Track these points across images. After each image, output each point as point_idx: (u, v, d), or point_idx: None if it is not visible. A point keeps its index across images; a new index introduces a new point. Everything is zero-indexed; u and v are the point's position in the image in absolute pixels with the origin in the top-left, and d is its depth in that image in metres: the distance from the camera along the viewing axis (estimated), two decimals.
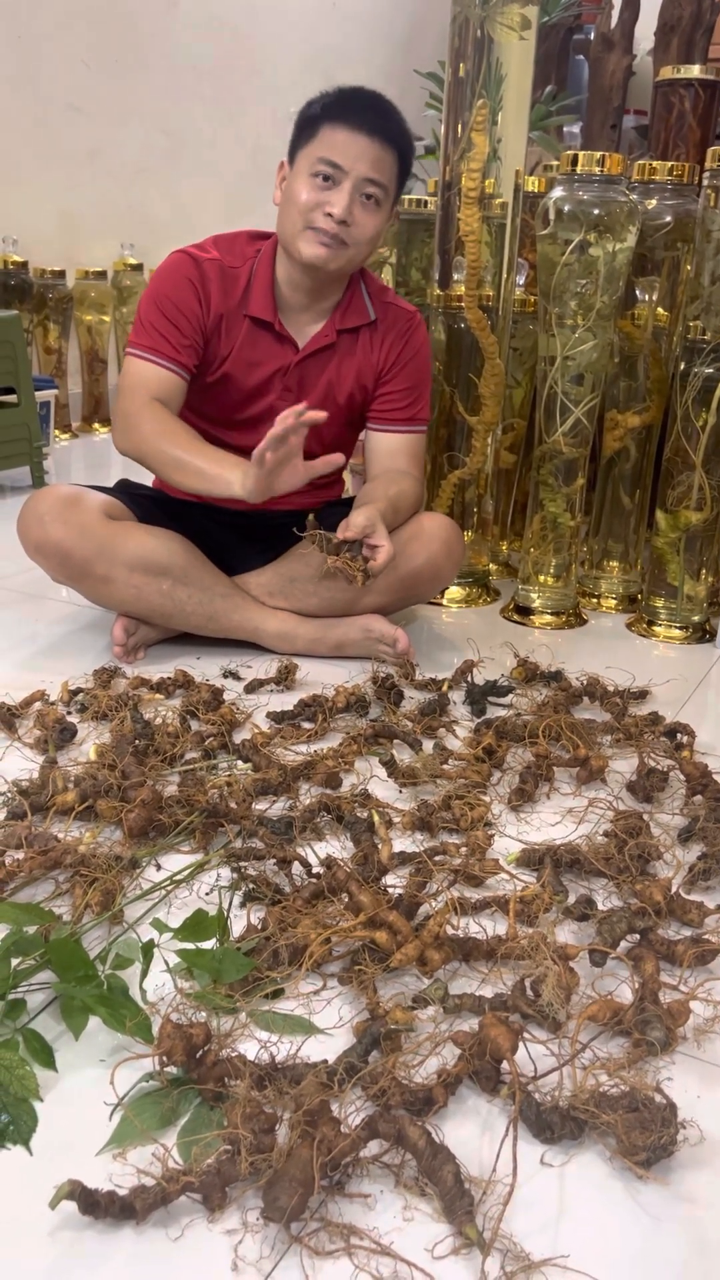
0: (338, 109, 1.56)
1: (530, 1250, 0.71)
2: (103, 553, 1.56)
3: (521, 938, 0.98)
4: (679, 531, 1.88)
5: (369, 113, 1.56)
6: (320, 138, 1.55)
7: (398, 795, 1.30)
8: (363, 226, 1.58)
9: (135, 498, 1.73)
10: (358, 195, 1.56)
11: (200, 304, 1.62)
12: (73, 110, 3.34)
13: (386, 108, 1.59)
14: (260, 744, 1.35)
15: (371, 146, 1.55)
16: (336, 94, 1.59)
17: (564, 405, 1.83)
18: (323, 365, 1.70)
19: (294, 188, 1.58)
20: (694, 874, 1.14)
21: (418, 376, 1.76)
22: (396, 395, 1.74)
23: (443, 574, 1.72)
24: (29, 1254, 0.70)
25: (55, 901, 1.04)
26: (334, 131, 1.55)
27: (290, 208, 1.59)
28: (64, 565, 1.57)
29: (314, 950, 0.94)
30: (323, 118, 1.56)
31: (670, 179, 1.89)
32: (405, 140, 1.60)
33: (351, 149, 1.54)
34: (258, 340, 1.66)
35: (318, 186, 1.56)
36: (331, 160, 1.54)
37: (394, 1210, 0.74)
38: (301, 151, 1.58)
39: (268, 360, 1.67)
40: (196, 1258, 0.70)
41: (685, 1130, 0.80)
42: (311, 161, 1.56)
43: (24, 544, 1.59)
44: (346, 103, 1.57)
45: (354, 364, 1.71)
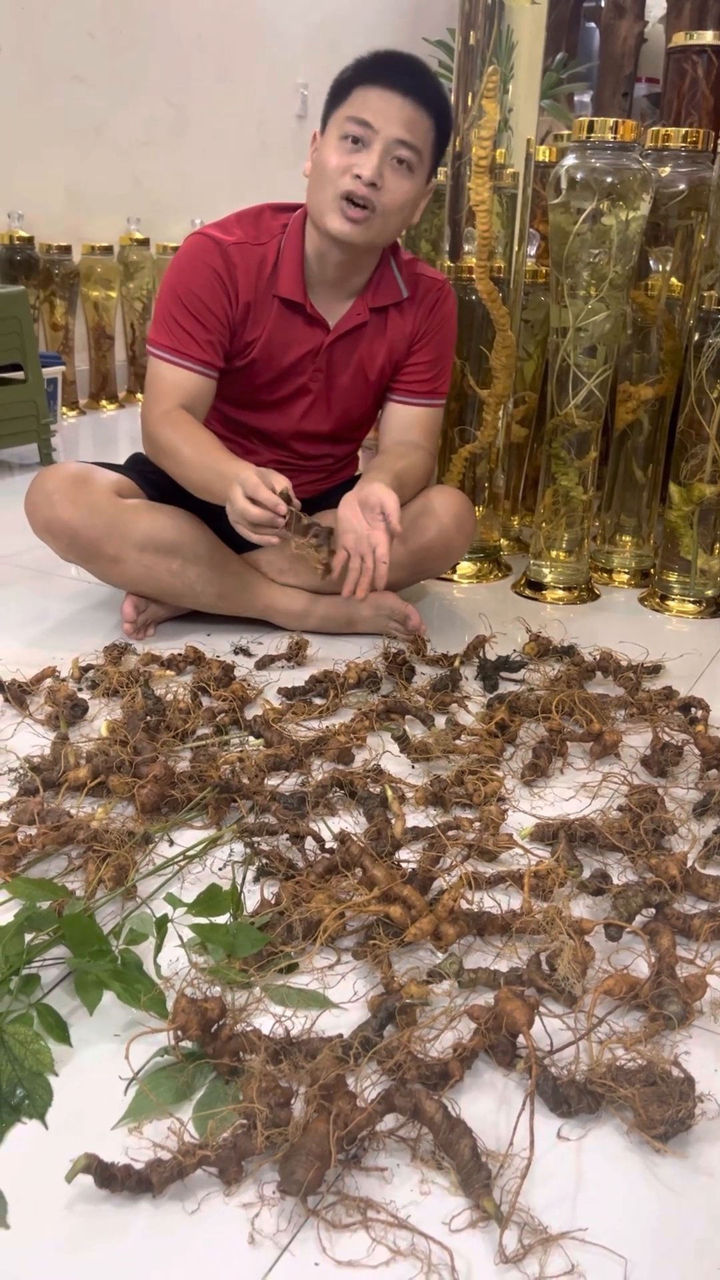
0: (371, 68, 1.50)
1: (548, 1223, 0.71)
2: (112, 532, 1.55)
3: (536, 912, 0.98)
4: (692, 505, 1.86)
5: (403, 72, 1.49)
6: (352, 98, 1.49)
7: (410, 771, 1.29)
8: (393, 193, 1.50)
9: (145, 475, 1.71)
10: (388, 158, 1.48)
11: (227, 296, 1.55)
12: (78, 83, 3.31)
13: (422, 68, 1.52)
14: (272, 720, 1.34)
15: (405, 106, 1.47)
16: (371, 55, 1.52)
17: (576, 377, 1.81)
18: (354, 345, 1.66)
19: (323, 154, 1.52)
20: (710, 848, 1.13)
21: (443, 348, 1.72)
22: (421, 367, 1.70)
23: (454, 548, 1.71)
24: (46, 1227, 0.70)
25: (68, 877, 1.04)
26: (366, 91, 1.48)
27: (319, 176, 1.53)
28: (73, 545, 1.56)
29: (328, 925, 0.93)
30: (355, 79, 1.50)
31: (684, 146, 1.87)
32: (442, 103, 1.53)
33: (382, 107, 1.47)
34: (288, 322, 1.61)
35: (347, 149, 1.49)
36: (361, 118, 1.47)
37: (411, 1184, 0.74)
38: (333, 116, 1.52)
39: (299, 342, 1.62)
40: (213, 1231, 0.70)
41: (703, 1104, 0.80)
42: (341, 123, 1.49)
43: (32, 523, 1.58)
44: (380, 61, 1.51)
45: (385, 341, 1.67)
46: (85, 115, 3.37)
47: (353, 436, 1.78)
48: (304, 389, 1.64)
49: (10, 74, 3.10)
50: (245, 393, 1.66)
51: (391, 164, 1.49)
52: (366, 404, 1.72)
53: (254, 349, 1.60)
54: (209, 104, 3.86)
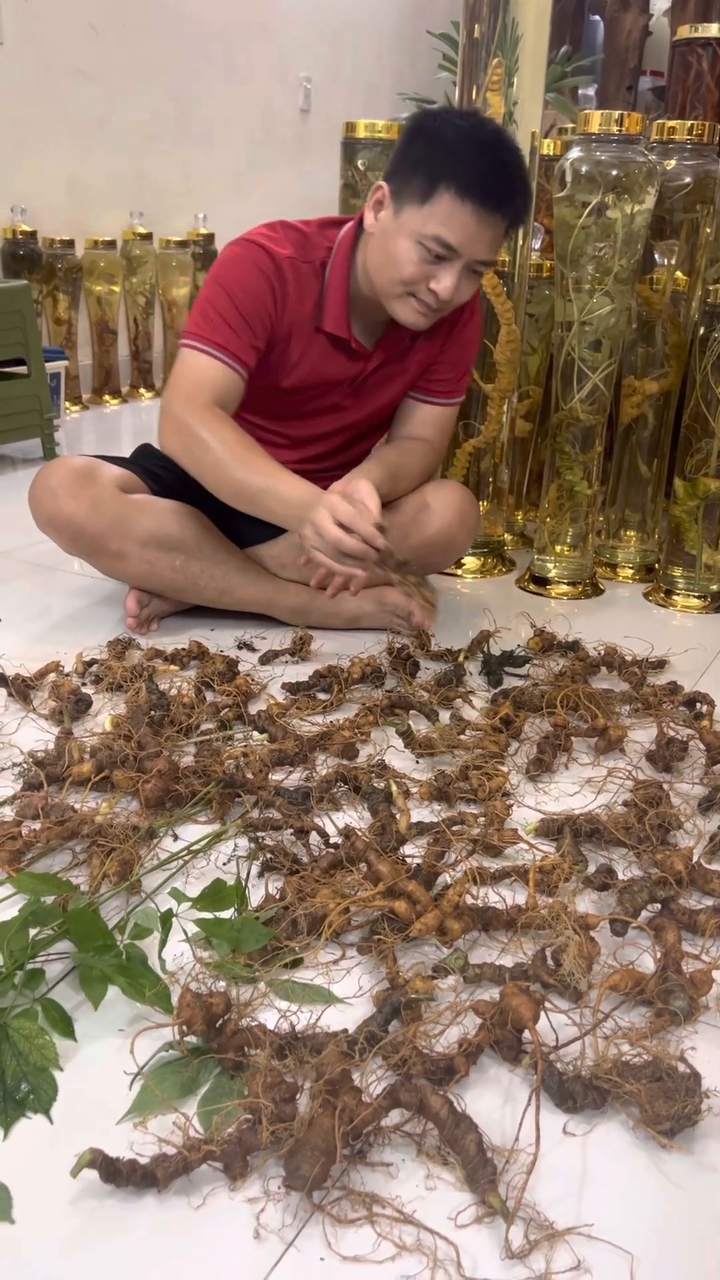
0: (468, 181, 1.37)
1: (554, 1219, 0.71)
2: (115, 528, 1.55)
3: (541, 907, 0.97)
4: (697, 499, 1.85)
5: (502, 188, 1.40)
6: (438, 207, 1.39)
7: (415, 766, 1.29)
8: (463, 295, 1.48)
9: (150, 469, 1.70)
10: (467, 271, 1.45)
11: (275, 305, 1.50)
12: (80, 76, 3.30)
13: (519, 176, 1.43)
14: (276, 715, 1.34)
15: (494, 226, 1.41)
16: (469, 151, 1.38)
17: (581, 371, 1.80)
18: (393, 367, 1.65)
19: (396, 247, 1.43)
20: (715, 843, 1.13)
21: (465, 351, 1.70)
22: (444, 368, 1.68)
23: (457, 543, 1.71)
24: (51, 1222, 0.70)
25: (73, 872, 1.04)
26: (457, 207, 1.38)
27: (389, 264, 1.45)
28: (76, 540, 1.56)
29: (333, 920, 0.93)
30: (447, 181, 1.38)
31: (690, 139, 1.86)
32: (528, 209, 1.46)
33: (472, 232, 1.39)
34: (330, 354, 1.58)
35: (425, 258, 1.42)
36: (447, 242, 1.40)
37: (416, 1179, 0.74)
38: (412, 208, 1.41)
39: (339, 372, 1.60)
40: (218, 1226, 0.70)
41: (709, 1100, 0.80)
42: (423, 233, 1.40)
43: (35, 517, 1.57)
44: (480, 175, 1.38)
45: (421, 356, 1.66)
46: (88, 109, 3.37)
47: (374, 437, 1.78)
48: (337, 405, 1.64)
49: (12, 68, 3.09)
50: (273, 404, 1.64)
51: (468, 273, 1.46)
52: (392, 409, 1.72)
53: (291, 374, 1.58)
54: (212, 97, 3.85)
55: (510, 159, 1.43)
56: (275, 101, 4.19)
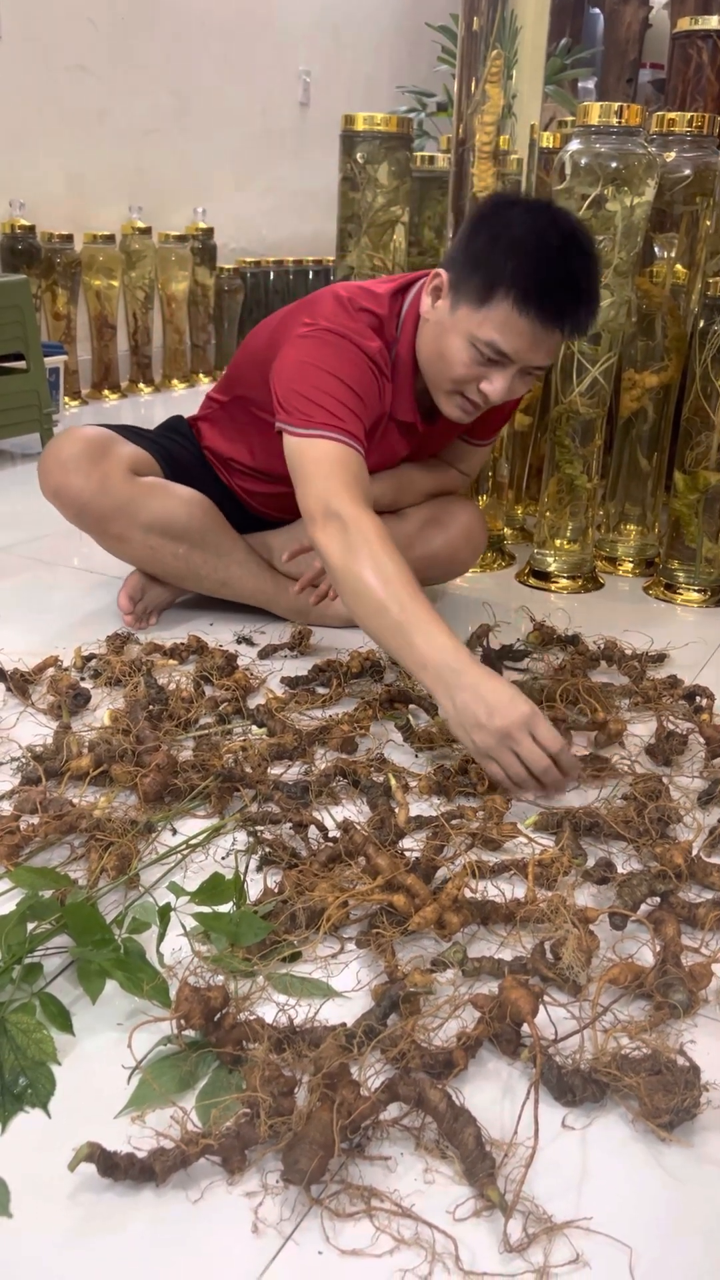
0: (529, 291, 1.30)
1: (553, 1212, 0.71)
2: (120, 511, 1.53)
3: (540, 901, 0.97)
4: (697, 493, 1.85)
5: (565, 300, 1.32)
6: (495, 312, 1.32)
7: (414, 760, 1.29)
8: (515, 394, 1.43)
9: (169, 450, 1.66)
10: (519, 374, 1.39)
11: (380, 401, 1.45)
12: (79, 71, 3.29)
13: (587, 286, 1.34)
14: (275, 709, 1.34)
15: (553, 336, 1.35)
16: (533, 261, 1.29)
17: (581, 365, 1.80)
18: (445, 435, 1.64)
19: (450, 344, 1.37)
20: (715, 837, 1.13)
21: (515, 404, 1.69)
22: (494, 416, 1.64)
23: (460, 561, 1.71)
24: (49, 1216, 0.70)
25: (71, 866, 1.04)
26: (514, 316, 1.31)
27: (440, 359, 1.40)
28: (80, 516, 1.54)
29: (331, 913, 0.93)
30: (508, 288, 1.30)
31: (689, 131, 1.85)
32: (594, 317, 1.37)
33: (528, 342, 1.34)
34: (397, 436, 1.56)
35: (479, 360, 1.36)
36: (502, 350, 1.34)
37: (415, 1173, 0.73)
38: (469, 308, 1.34)
39: (401, 449, 1.59)
40: (216, 1220, 0.70)
41: (708, 1092, 0.79)
42: (477, 336, 1.34)
43: (42, 486, 1.54)
44: (543, 285, 1.30)
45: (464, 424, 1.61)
46: (87, 103, 3.36)
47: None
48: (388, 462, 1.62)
49: (12, 62, 3.08)
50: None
51: (521, 375, 1.40)
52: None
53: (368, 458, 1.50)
54: (211, 91, 3.84)
55: (579, 267, 1.33)
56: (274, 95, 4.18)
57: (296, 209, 4.30)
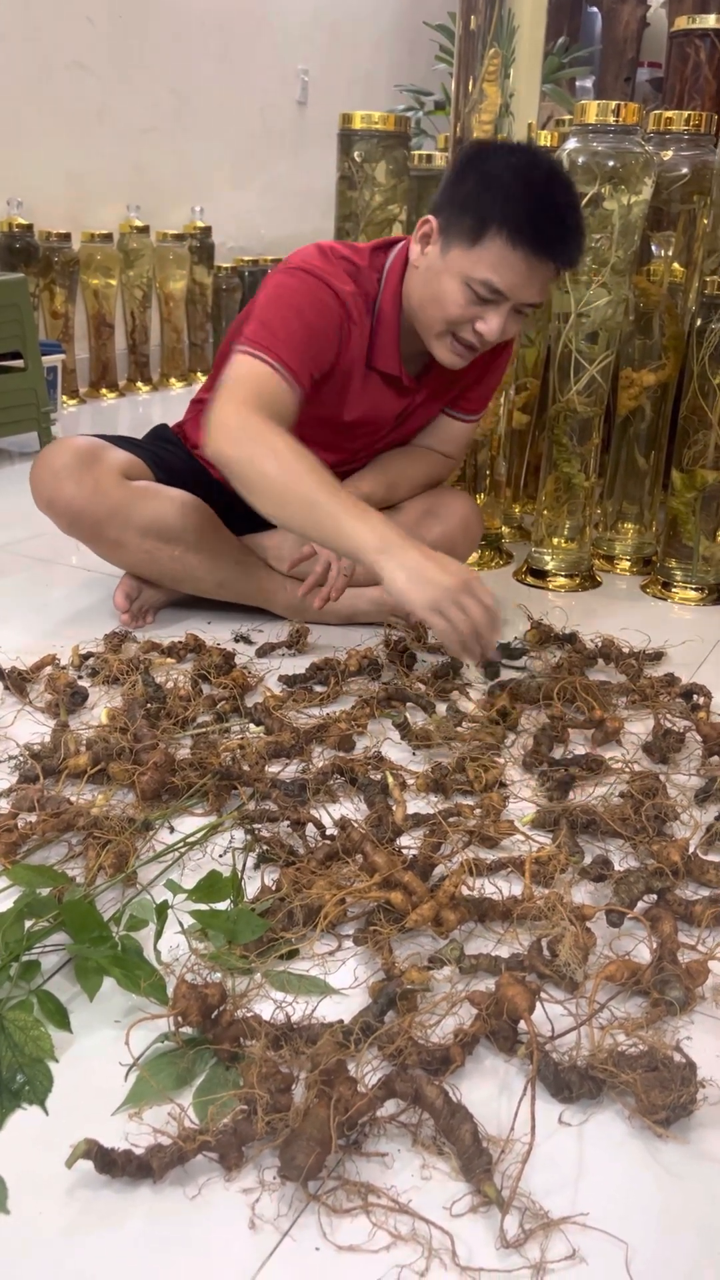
0: (520, 226, 1.33)
1: (549, 1208, 0.71)
2: (115, 516, 1.54)
3: (537, 898, 0.97)
4: (695, 491, 1.85)
5: (555, 233, 1.36)
6: (488, 250, 1.35)
7: (411, 758, 1.29)
8: (508, 333, 1.45)
9: (158, 455, 1.67)
10: (513, 312, 1.42)
11: (339, 340, 1.47)
12: (78, 69, 3.29)
13: (573, 218, 1.38)
14: (273, 707, 1.34)
15: (545, 270, 1.38)
16: (526, 195, 1.34)
17: (578, 363, 1.80)
18: (436, 399, 1.64)
19: (443, 286, 1.40)
20: (711, 834, 1.13)
21: (497, 375, 1.70)
22: (478, 389, 1.66)
23: (458, 553, 1.69)
24: (47, 1212, 0.70)
25: (69, 864, 1.04)
26: (507, 252, 1.34)
27: (433, 302, 1.42)
28: (74, 524, 1.55)
29: (329, 911, 0.93)
30: (498, 225, 1.34)
31: (687, 129, 1.85)
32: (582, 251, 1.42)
33: (523, 280, 1.37)
34: (383, 390, 1.56)
35: (472, 300, 1.39)
36: (496, 287, 1.37)
37: (412, 1169, 0.74)
38: (460, 249, 1.37)
39: (390, 407, 1.59)
40: (214, 1216, 0.70)
41: (704, 1089, 0.80)
42: (471, 276, 1.37)
43: (35, 497, 1.55)
44: (533, 219, 1.34)
45: (461, 378, 1.63)
46: (85, 101, 3.35)
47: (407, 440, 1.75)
48: (379, 426, 1.62)
49: (10, 60, 3.08)
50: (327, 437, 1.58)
51: (513, 314, 1.43)
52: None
53: (351, 409, 1.55)
54: (210, 90, 3.84)
55: (565, 200, 1.38)
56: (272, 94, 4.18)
57: (294, 208, 4.30)
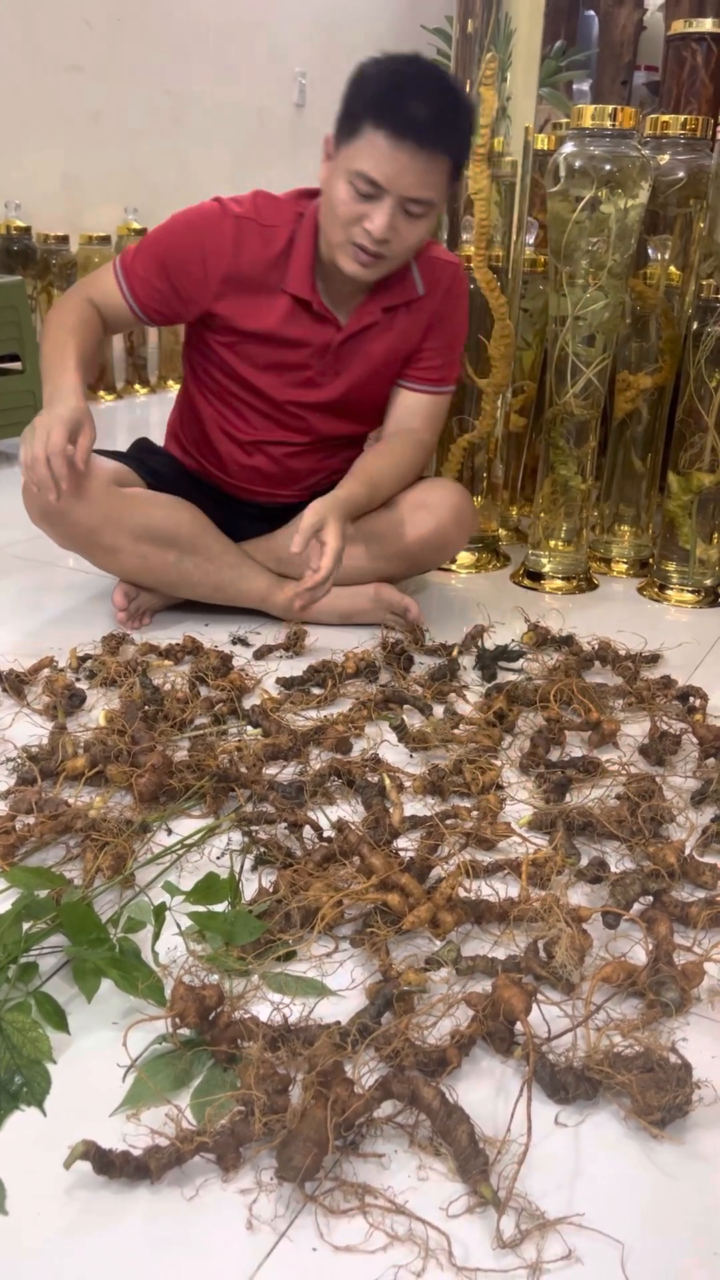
0: (384, 109, 1.35)
1: (545, 1209, 0.71)
2: (109, 522, 1.54)
3: (534, 900, 0.98)
4: (691, 494, 1.86)
5: (423, 119, 1.35)
6: (362, 142, 1.37)
7: (408, 760, 1.29)
8: (404, 239, 1.45)
9: (145, 463, 1.70)
10: (400, 210, 1.41)
11: (210, 260, 1.52)
12: (75, 72, 3.30)
13: (442, 106, 1.38)
14: (270, 709, 1.34)
15: (416, 161, 1.37)
16: (387, 81, 1.36)
17: (575, 366, 1.81)
18: (365, 342, 1.61)
19: (333, 187, 1.43)
20: (707, 836, 1.13)
21: (454, 334, 1.67)
22: (431, 353, 1.65)
23: (452, 542, 1.70)
24: (45, 1213, 0.70)
25: (66, 866, 1.04)
26: (376, 139, 1.36)
27: (329, 208, 1.45)
28: (70, 534, 1.56)
29: (326, 913, 0.93)
30: (368, 114, 1.36)
31: (683, 133, 1.86)
32: (461, 140, 1.43)
33: (393, 166, 1.37)
34: (298, 317, 1.56)
35: (357, 197, 1.40)
36: (370, 178, 1.38)
37: (408, 1170, 0.74)
38: (343, 147, 1.41)
39: (309, 339, 1.58)
40: (211, 1217, 0.70)
41: (700, 1090, 0.80)
42: (350, 170, 1.39)
43: (29, 512, 1.56)
44: (396, 102, 1.35)
45: (399, 335, 1.62)
46: (82, 104, 3.36)
47: (370, 416, 1.72)
48: (310, 378, 1.62)
49: (7, 63, 3.09)
50: (244, 351, 1.61)
51: (403, 215, 1.43)
52: (383, 390, 1.68)
53: (253, 320, 1.57)
54: (206, 92, 3.84)
55: (432, 87, 1.38)
56: (270, 96, 4.18)
57: None
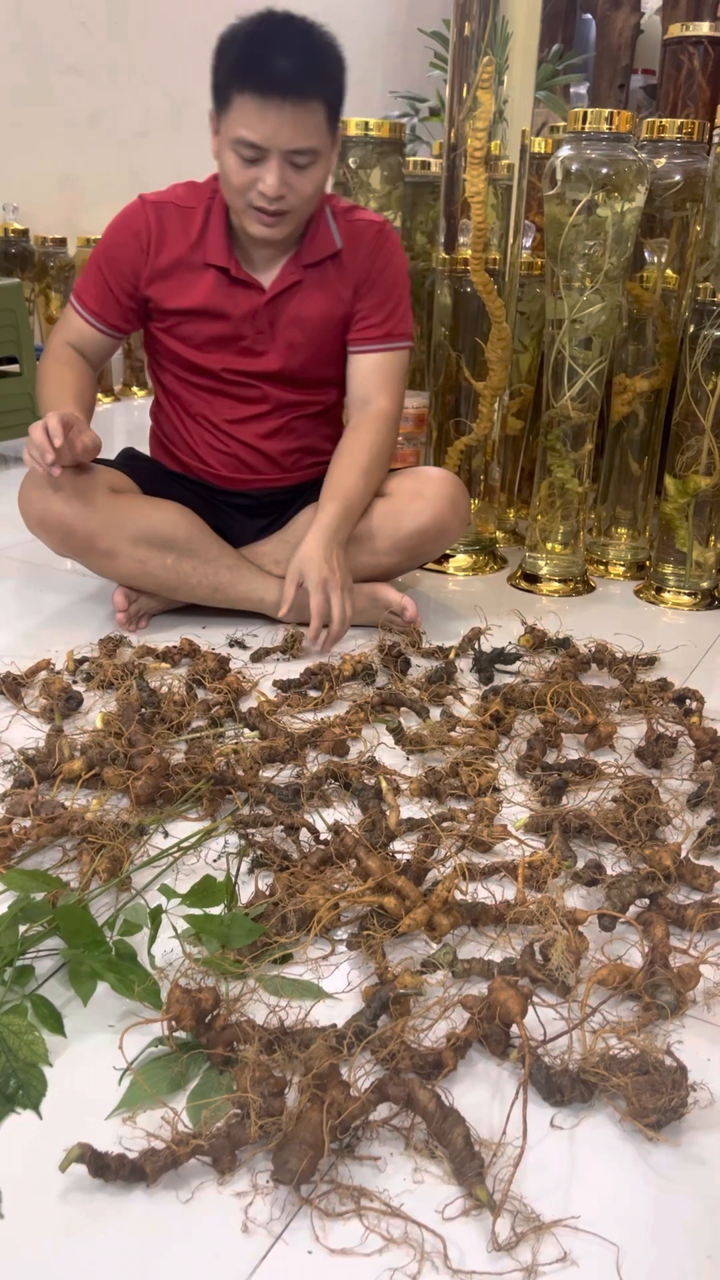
0: (245, 72, 1.39)
1: (541, 1211, 0.71)
2: (106, 527, 1.55)
3: (530, 903, 0.98)
4: (688, 497, 1.86)
5: (279, 70, 1.37)
6: (234, 110, 1.41)
7: (405, 762, 1.30)
8: (300, 191, 1.47)
9: (137, 469, 1.70)
10: (288, 165, 1.44)
11: (144, 254, 1.57)
12: (72, 74, 3.30)
13: (299, 49, 1.40)
14: (267, 712, 1.34)
15: (287, 114, 1.39)
16: (243, 43, 1.41)
17: (572, 369, 1.81)
18: (291, 302, 1.60)
19: (223, 160, 1.47)
20: (703, 839, 1.13)
21: (391, 289, 1.65)
22: (369, 312, 1.64)
23: (449, 531, 1.69)
24: (40, 1216, 0.70)
25: (63, 869, 1.04)
26: (245, 103, 1.39)
27: (223, 182, 1.50)
28: (67, 540, 1.56)
29: (322, 916, 0.93)
30: (231, 82, 1.41)
31: (680, 137, 1.86)
32: (329, 81, 1.43)
33: (267, 125, 1.39)
34: (222, 288, 1.58)
35: (244, 164, 1.44)
36: (248, 141, 1.41)
37: (404, 1173, 0.74)
38: (221, 119, 1.46)
39: (235, 306, 1.59)
40: (207, 1220, 0.70)
41: (695, 1093, 0.80)
42: (231, 139, 1.43)
43: (25, 519, 1.57)
44: (255, 62, 1.38)
45: (325, 295, 1.62)
46: (80, 106, 3.36)
47: (325, 384, 1.70)
48: (249, 346, 1.62)
49: (4, 66, 3.09)
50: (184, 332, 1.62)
51: (292, 168, 1.45)
52: (326, 354, 1.66)
53: (184, 297, 1.59)
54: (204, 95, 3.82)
55: (286, 38, 1.41)
56: None
57: None
